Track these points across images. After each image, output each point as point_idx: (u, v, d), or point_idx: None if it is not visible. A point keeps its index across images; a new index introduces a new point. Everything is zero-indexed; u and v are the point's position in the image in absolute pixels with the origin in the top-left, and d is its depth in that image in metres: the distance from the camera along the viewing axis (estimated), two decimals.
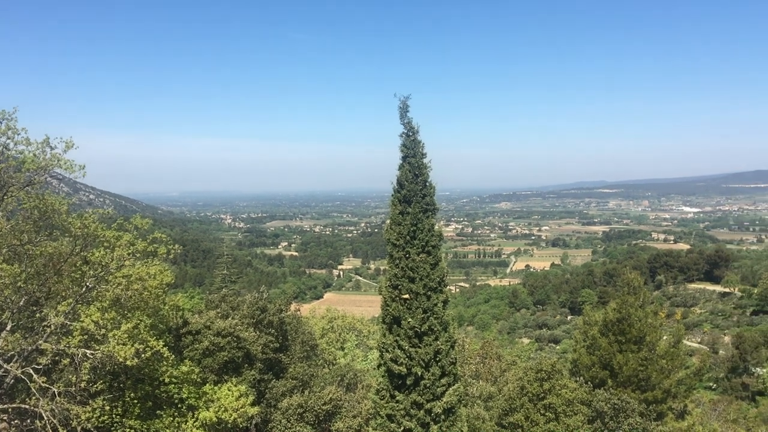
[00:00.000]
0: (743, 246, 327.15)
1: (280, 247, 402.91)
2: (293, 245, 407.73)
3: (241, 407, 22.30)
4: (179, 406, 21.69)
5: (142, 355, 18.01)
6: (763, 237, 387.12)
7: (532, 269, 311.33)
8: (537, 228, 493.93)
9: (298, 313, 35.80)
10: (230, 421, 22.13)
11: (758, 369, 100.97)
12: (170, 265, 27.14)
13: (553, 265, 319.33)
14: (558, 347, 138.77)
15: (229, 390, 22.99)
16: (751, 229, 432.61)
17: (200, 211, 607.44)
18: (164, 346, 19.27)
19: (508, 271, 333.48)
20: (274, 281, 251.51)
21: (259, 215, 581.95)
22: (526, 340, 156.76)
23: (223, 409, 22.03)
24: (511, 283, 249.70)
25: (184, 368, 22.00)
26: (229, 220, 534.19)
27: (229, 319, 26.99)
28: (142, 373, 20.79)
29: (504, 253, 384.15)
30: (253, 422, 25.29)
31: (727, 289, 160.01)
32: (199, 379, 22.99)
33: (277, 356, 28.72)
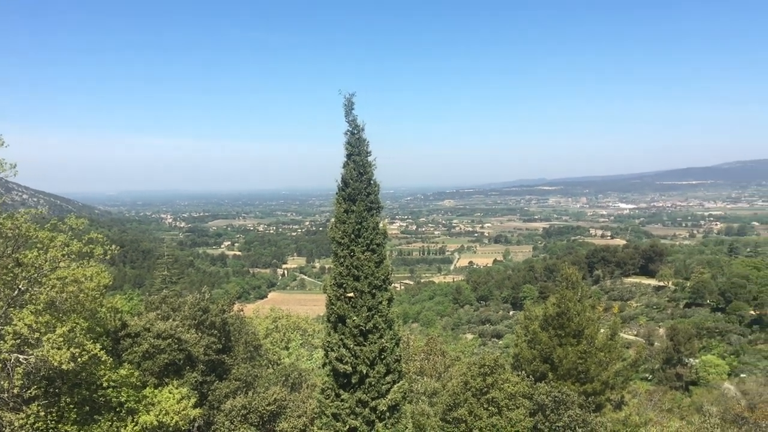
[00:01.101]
0: (676, 241, 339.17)
1: (222, 246, 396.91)
2: (236, 245, 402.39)
3: (183, 410, 21.89)
4: (118, 410, 21.15)
5: (79, 359, 17.48)
6: (695, 232, 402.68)
7: (475, 266, 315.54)
8: (480, 225, 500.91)
9: (242, 313, 35.36)
10: (171, 425, 21.68)
11: (691, 360, 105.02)
12: (108, 267, 26.46)
13: (495, 261, 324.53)
14: (501, 342, 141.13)
15: (170, 393, 22.53)
16: (683, 225, 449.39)
17: (140, 211, 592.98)
18: (102, 349, 18.78)
19: (452, 268, 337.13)
20: (217, 281, 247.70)
21: (201, 214, 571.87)
22: (470, 336, 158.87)
23: (164, 412, 21.57)
24: (455, 279, 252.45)
25: (123, 372, 21.46)
26: (170, 220, 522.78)
27: (170, 320, 26.44)
28: (79, 377, 20.17)
29: (448, 250, 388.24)
30: (196, 425, 24.86)
31: (661, 283, 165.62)
32: (138, 383, 22.46)
33: (220, 357, 28.29)
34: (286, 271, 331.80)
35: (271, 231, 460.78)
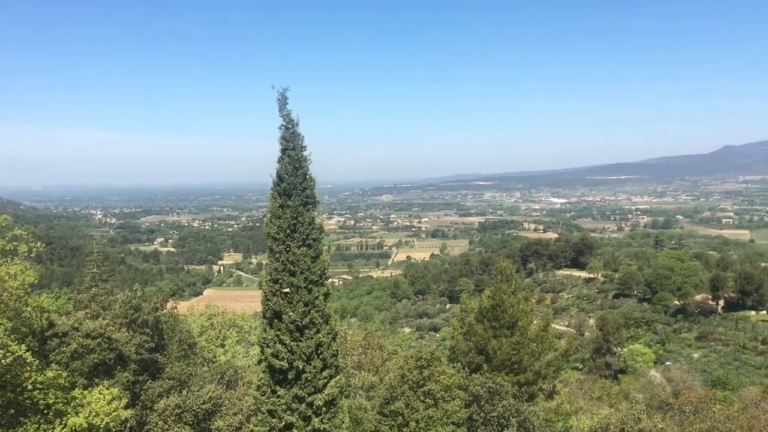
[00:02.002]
0: (605, 234, 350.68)
1: (155, 243, 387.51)
2: (170, 241, 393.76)
3: (114, 411, 21.30)
4: (45, 412, 20.42)
5: (2, 361, 16.78)
6: (623, 225, 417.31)
7: (413, 260, 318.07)
8: (417, 220, 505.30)
9: (176, 311, 34.60)
10: (102, 426, 21.08)
11: (620, 349, 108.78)
12: (34, 264, 25.42)
13: (432, 255, 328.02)
14: (438, 335, 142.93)
15: (100, 394, 21.87)
16: (612, 218, 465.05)
17: (68, 207, 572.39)
18: (27, 350, 18.10)
19: (390, 262, 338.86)
20: (150, 279, 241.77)
21: (133, 210, 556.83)
22: (407, 330, 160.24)
23: (94, 413, 20.94)
24: (393, 274, 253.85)
25: (51, 373, 20.71)
26: (100, 216, 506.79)
27: (100, 319, 25.64)
28: (3, 379, 19.38)
29: (386, 245, 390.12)
30: (128, 425, 24.23)
31: (591, 275, 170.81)
32: (67, 384, 21.72)
33: (153, 356, 27.64)
34: (222, 268, 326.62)
35: (207, 227, 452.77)
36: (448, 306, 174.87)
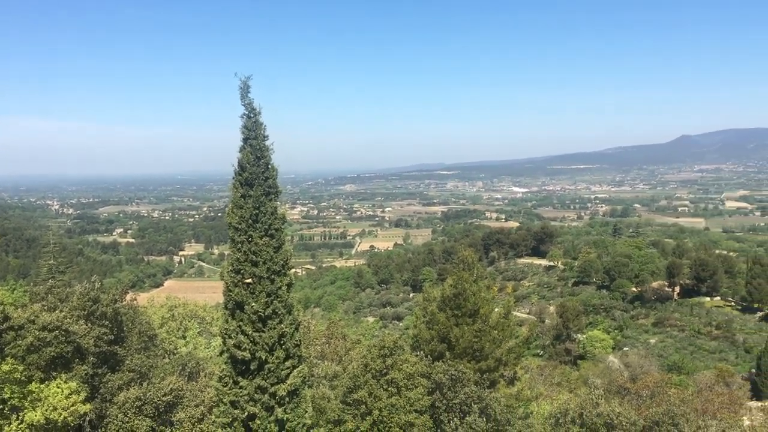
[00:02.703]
0: (565, 222, 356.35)
1: (114, 233, 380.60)
2: (129, 232, 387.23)
3: (72, 405, 20.95)
4: (1, 408, 20.00)
5: None
6: (583, 214, 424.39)
7: (376, 250, 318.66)
8: (381, 209, 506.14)
9: (135, 302, 34.11)
10: (60, 421, 20.72)
11: (579, 335, 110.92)
12: None
13: (396, 245, 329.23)
14: (401, 324, 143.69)
15: (58, 387, 21.49)
16: (571, 207, 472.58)
17: (23, 197, 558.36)
18: None
19: (353, 252, 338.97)
20: (109, 270, 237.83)
21: (91, 200, 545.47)
22: (371, 319, 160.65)
23: (51, 408, 20.57)
24: (357, 263, 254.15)
25: (6, 367, 20.28)
26: (57, 206, 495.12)
27: (57, 311, 25.15)
28: None
29: (349, 235, 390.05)
30: (87, 419, 23.86)
31: (551, 263, 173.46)
32: (23, 378, 21.28)
33: (112, 349, 27.21)
34: (183, 259, 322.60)
35: (167, 217, 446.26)
36: (411, 295, 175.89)
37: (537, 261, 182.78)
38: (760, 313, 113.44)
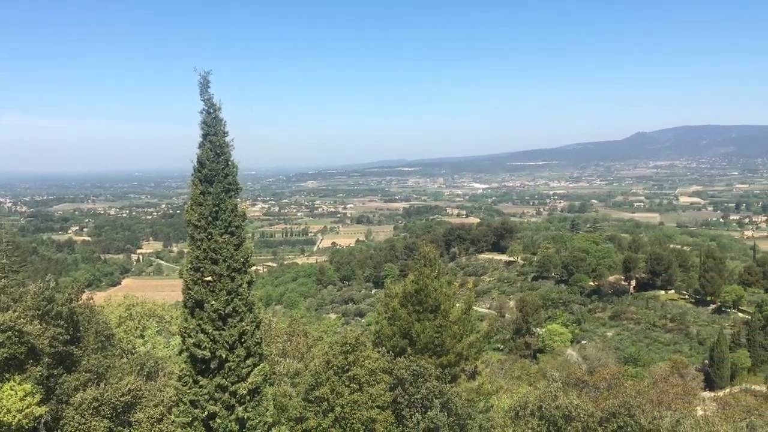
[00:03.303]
0: (525, 218, 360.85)
1: (70, 231, 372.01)
2: (86, 230, 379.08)
3: (27, 408, 20.45)
4: None
5: None
6: (542, 210, 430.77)
7: (338, 246, 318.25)
8: (342, 206, 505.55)
9: (92, 302, 33.38)
10: (14, 423, 20.21)
11: (538, 329, 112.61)
12: None
13: (358, 241, 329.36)
14: (363, 320, 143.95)
15: (12, 389, 20.94)
16: (531, 203, 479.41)
17: None
18: None
19: (315, 249, 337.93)
20: (65, 269, 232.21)
21: (45, 198, 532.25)
22: (333, 316, 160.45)
23: (5, 410, 20.05)
24: (319, 260, 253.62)
25: None
26: (9, 204, 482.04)
27: (10, 312, 24.47)
28: None
29: (311, 232, 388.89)
30: (42, 421, 23.31)
31: (511, 258, 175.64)
32: None
33: (68, 349, 26.60)
34: (141, 257, 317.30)
35: (125, 215, 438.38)
36: (373, 291, 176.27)
37: (497, 256, 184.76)
38: (712, 306, 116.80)
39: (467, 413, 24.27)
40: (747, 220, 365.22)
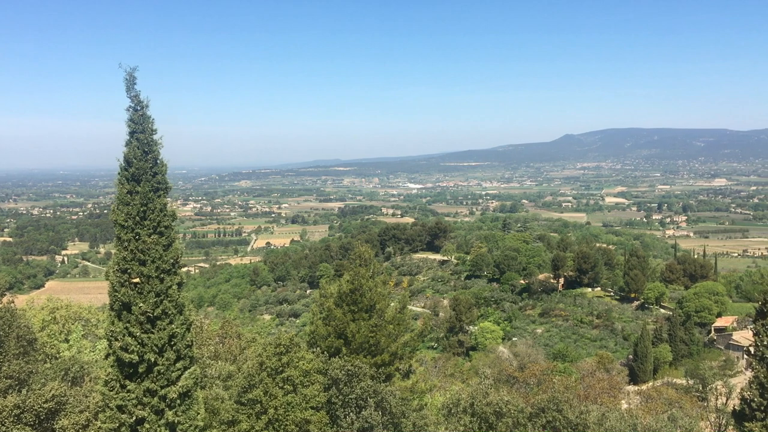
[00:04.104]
0: (458, 218, 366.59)
1: None
2: (6, 230, 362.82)
3: None
4: None
5: None
6: (474, 209, 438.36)
7: (272, 246, 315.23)
8: (277, 206, 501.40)
9: (13, 305, 31.99)
10: None
11: (471, 327, 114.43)
12: None
13: (293, 241, 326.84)
14: (298, 321, 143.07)
15: None
16: (464, 203, 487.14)
17: None
18: None
19: (249, 249, 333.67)
20: None
21: None
22: (267, 317, 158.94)
23: None
24: (253, 261, 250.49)
25: None
26: None
27: None
28: None
29: (245, 232, 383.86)
30: None
31: (445, 258, 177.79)
32: None
33: None
34: (66, 258, 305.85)
35: (48, 214, 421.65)
36: (308, 291, 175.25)
37: (432, 256, 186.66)
38: (636, 303, 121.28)
39: (401, 412, 24.46)
40: (668, 220, 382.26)
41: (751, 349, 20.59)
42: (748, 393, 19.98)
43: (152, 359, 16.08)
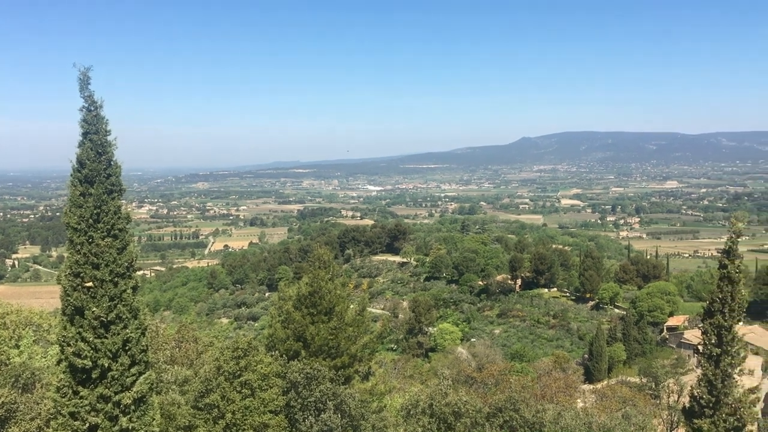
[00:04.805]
0: (418, 220, 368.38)
1: None
2: None
3: None
4: None
5: None
6: (434, 211, 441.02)
7: (231, 249, 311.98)
8: (235, 208, 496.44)
9: None
10: None
11: (430, 328, 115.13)
12: None
13: (251, 244, 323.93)
14: (256, 324, 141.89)
15: None
16: (423, 205, 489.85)
17: None
18: None
19: (206, 252, 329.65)
20: None
21: None
22: (225, 320, 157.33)
23: None
24: (210, 264, 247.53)
25: None
26: None
27: None
28: None
29: (202, 234, 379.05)
30: None
31: (405, 259, 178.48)
32: None
33: None
34: (16, 262, 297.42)
35: None
36: (267, 294, 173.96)
37: (391, 258, 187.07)
38: (591, 303, 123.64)
39: (361, 414, 24.48)
40: (622, 222, 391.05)
41: (700, 348, 21.22)
42: (698, 390, 20.59)
43: (106, 364, 15.79)
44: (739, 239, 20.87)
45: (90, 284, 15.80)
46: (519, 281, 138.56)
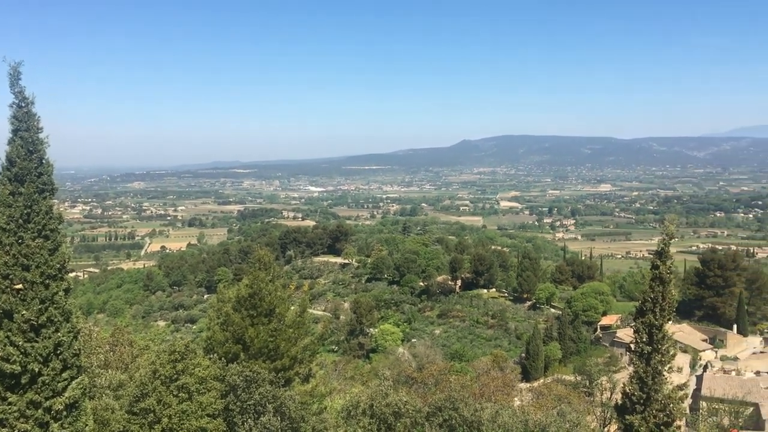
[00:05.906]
0: (359, 221, 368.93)
1: None
2: None
3: None
4: None
5: None
6: (375, 213, 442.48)
7: (168, 250, 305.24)
8: (173, 208, 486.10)
9: None
10: None
11: (372, 329, 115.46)
12: None
13: (189, 245, 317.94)
14: (194, 327, 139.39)
15: None
16: (365, 206, 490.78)
17: None
18: None
19: (142, 253, 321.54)
20: None
21: None
22: (162, 323, 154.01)
23: None
24: (146, 265, 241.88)
25: None
26: None
27: None
28: None
29: (138, 235, 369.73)
30: None
31: (346, 261, 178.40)
32: None
33: None
34: None
35: None
36: (205, 297, 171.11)
37: (333, 259, 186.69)
38: (528, 303, 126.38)
39: (300, 416, 24.40)
40: (558, 223, 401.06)
41: (632, 346, 21.96)
42: (629, 387, 21.27)
43: (36, 369, 15.31)
44: (671, 241, 21.64)
45: (20, 286, 15.31)
46: (459, 282, 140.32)
